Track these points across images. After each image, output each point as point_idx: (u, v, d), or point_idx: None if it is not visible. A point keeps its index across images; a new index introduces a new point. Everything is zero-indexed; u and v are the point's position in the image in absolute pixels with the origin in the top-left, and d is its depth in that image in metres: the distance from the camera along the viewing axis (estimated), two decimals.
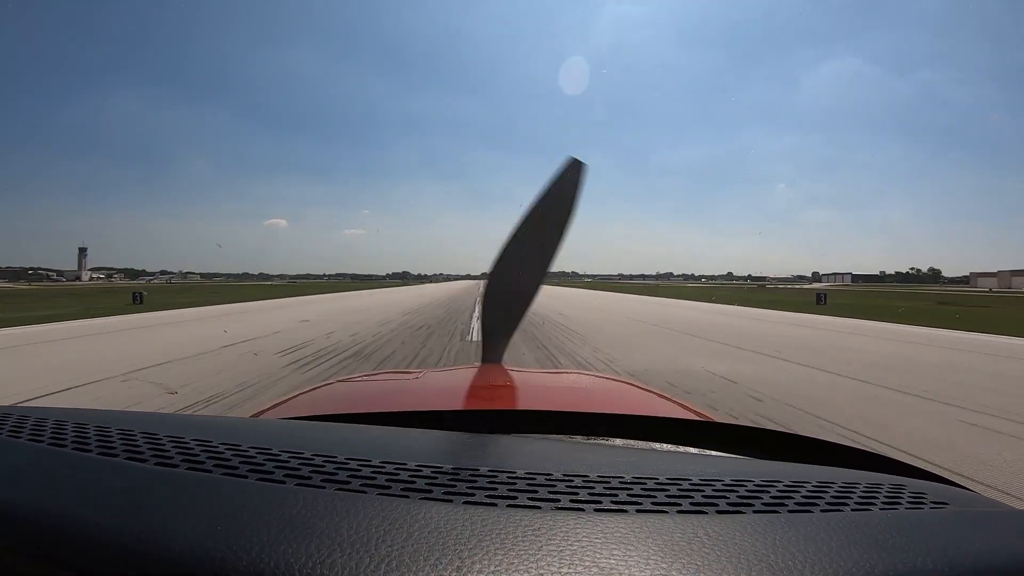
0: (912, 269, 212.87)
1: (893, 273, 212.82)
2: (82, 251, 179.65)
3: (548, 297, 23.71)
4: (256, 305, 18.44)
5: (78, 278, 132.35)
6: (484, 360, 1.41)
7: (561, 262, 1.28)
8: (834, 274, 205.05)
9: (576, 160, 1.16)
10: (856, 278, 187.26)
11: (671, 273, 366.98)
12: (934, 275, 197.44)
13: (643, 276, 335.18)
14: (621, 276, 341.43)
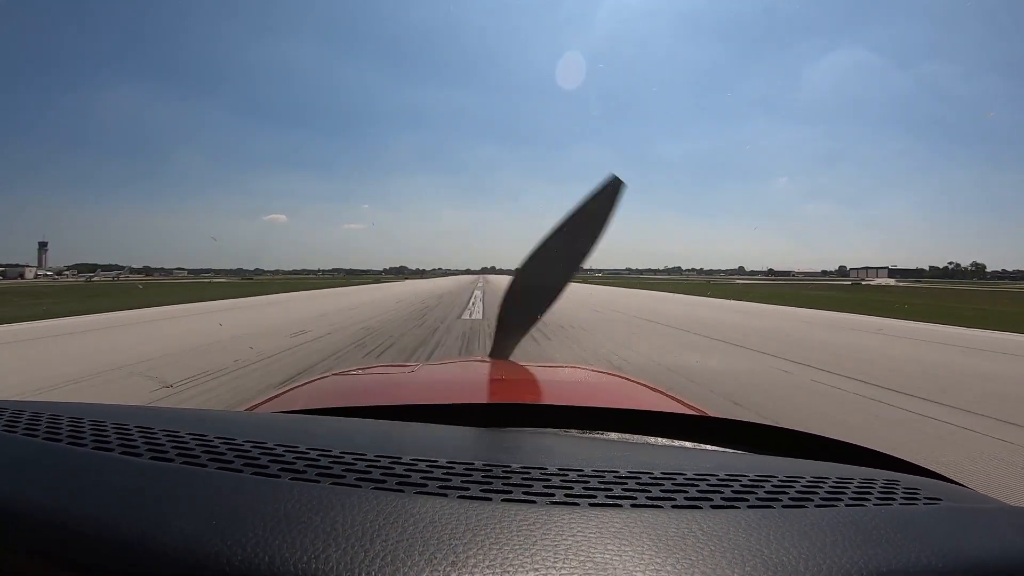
0: (950, 264, 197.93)
1: (928, 268, 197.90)
2: (42, 246, 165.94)
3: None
4: (107, 319, 11.23)
5: (21, 275, 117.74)
6: (492, 355, 1.43)
7: None
8: (866, 268, 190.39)
9: (616, 178, 1.20)
10: (893, 273, 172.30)
11: (680, 268, 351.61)
12: (978, 271, 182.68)
13: (653, 271, 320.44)
14: (629, 271, 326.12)
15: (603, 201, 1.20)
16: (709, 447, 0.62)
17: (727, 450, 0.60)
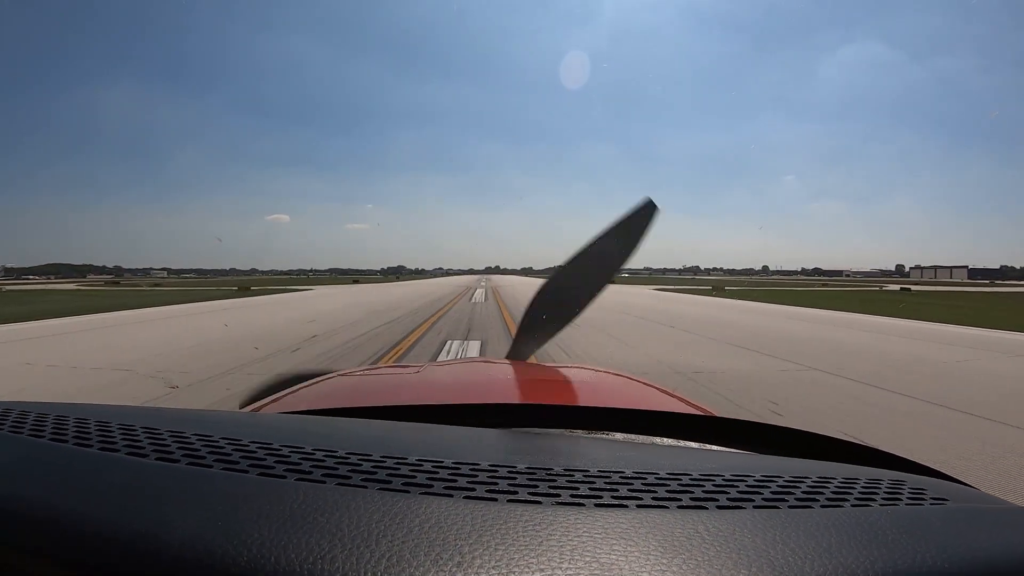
0: None
1: (997, 267, 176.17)
2: None
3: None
4: None
5: None
6: (510, 357, 1.44)
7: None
8: (935, 267, 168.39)
9: (651, 201, 1.27)
10: (973, 273, 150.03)
11: (698, 267, 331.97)
12: None
13: (678, 271, 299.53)
14: (649, 271, 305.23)
15: (637, 222, 1.28)
16: (715, 447, 0.62)
17: (733, 450, 0.60)
